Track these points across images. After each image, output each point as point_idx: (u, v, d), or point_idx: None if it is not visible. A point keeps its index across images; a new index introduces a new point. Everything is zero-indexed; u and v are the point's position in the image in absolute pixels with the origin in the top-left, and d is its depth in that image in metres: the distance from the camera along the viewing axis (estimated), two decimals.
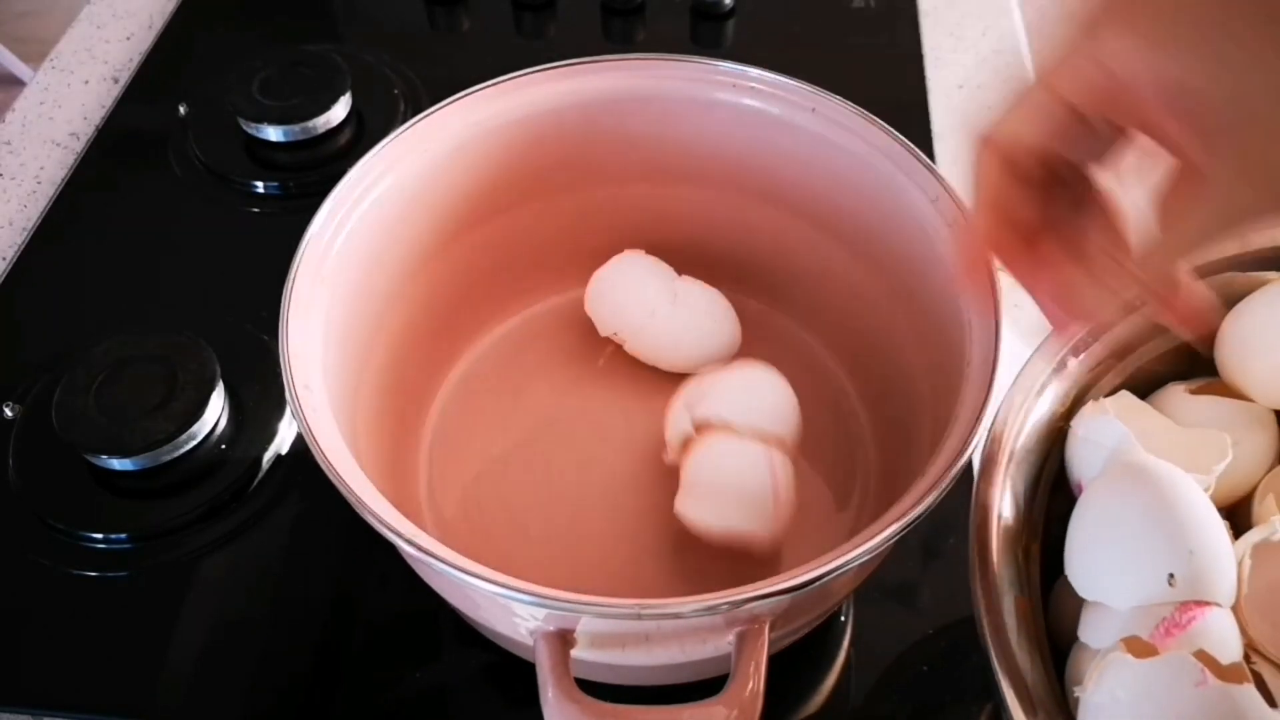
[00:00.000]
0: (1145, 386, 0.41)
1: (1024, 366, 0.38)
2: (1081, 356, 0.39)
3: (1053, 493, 0.38)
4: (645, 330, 0.49)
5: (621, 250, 0.51)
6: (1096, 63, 0.27)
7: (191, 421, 0.49)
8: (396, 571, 0.46)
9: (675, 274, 0.50)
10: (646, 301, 0.49)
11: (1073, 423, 0.38)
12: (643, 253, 0.51)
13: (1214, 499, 0.34)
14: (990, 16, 0.73)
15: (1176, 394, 0.40)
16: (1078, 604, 0.35)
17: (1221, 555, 0.32)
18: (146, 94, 0.69)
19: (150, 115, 0.68)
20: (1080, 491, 0.36)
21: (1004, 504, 0.36)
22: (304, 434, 0.35)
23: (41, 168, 0.65)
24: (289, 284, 0.39)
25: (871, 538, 0.32)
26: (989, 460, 0.36)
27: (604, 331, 0.50)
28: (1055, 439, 0.38)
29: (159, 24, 0.74)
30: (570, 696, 0.31)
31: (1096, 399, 0.39)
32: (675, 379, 0.50)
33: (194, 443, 0.49)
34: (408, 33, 0.74)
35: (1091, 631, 0.33)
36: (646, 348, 0.50)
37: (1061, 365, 0.39)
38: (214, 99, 0.66)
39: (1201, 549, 0.32)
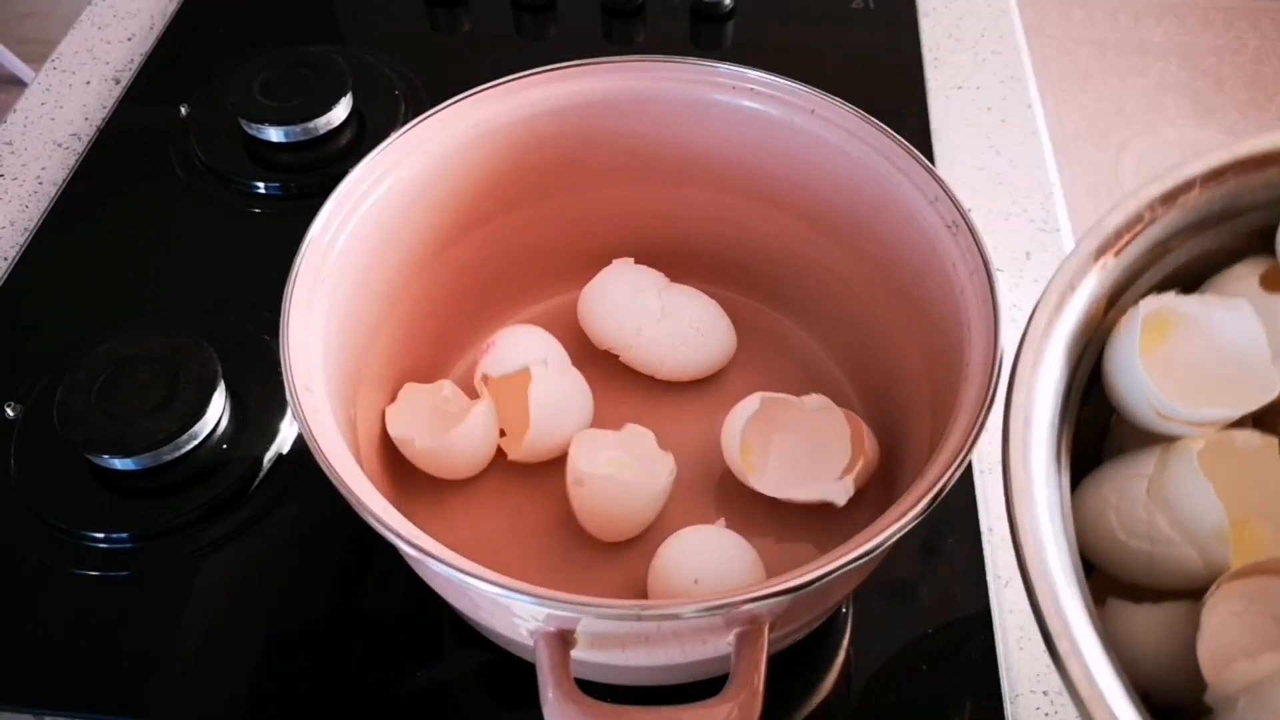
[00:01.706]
0: (1190, 280, 0.38)
1: (1060, 265, 0.35)
2: (1121, 253, 0.35)
3: (1085, 399, 0.36)
4: (634, 347, 0.49)
5: (621, 252, 0.51)
6: None
7: (193, 421, 0.49)
8: (396, 571, 0.46)
9: (666, 282, 0.50)
10: (633, 319, 0.49)
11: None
12: (631, 262, 0.51)
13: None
14: (989, 16, 0.73)
15: (1237, 281, 0.37)
16: (1104, 520, 0.34)
17: None
18: (148, 95, 0.70)
19: (152, 116, 0.68)
20: None
21: (1038, 408, 0.33)
22: (304, 434, 0.35)
23: (43, 168, 0.66)
24: (290, 284, 0.39)
25: (871, 538, 0.32)
26: (1021, 363, 0.34)
27: (599, 346, 0.50)
28: (1089, 341, 0.36)
29: (160, 25, 0.75)
30: (570, 697, 0.31)
31: (1134, 299, 0.36)
32: (672, 383, 0.51)
33: (195, 442, 0.49)
34: (409, 34, 0.74)
35: None
36: (639, 362, 0.50)
37: (1100, 262, 0.35)
38: (215, 100, 0.66)
39: None
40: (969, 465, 0.49)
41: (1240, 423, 0.35)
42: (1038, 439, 0.32)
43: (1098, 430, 0.39)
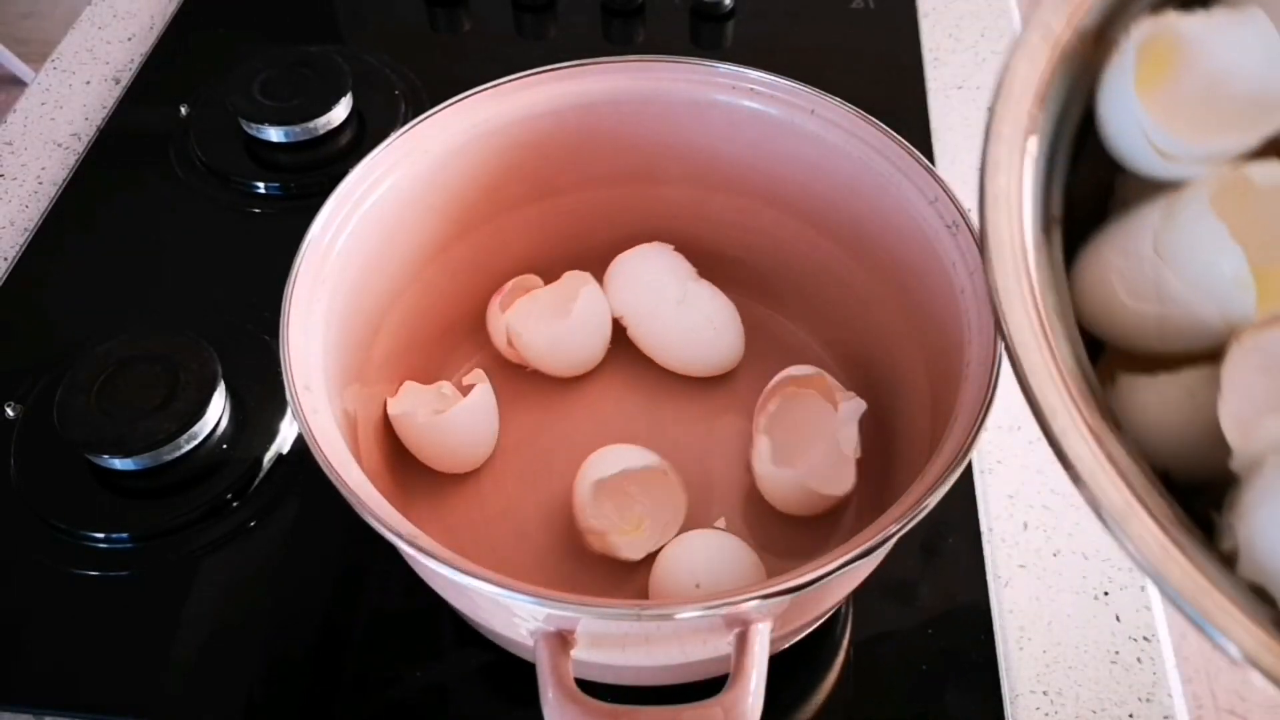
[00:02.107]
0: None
1: None
2: None
3: (1076, 151, 0.30)
4: (643, 325, 0.50)
5: (621, 251, 0.51)
6: None
7: (193, 421, 0.49)
8: (396, 571, 0.46)
9: (694, 275, 0.51)
10: (653, 299, 0.49)
11: None
12: (671, 248, 0.51)
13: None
14: (989, 17, 0.73)
15: None
16: (1106, 286, 0.29)
17: None
18: (148, 95, 0.70)
19: (152, 116, 0.68)
20: None
21: (1021, 175, 0.29)
22: (304, 434, 0.35)
23: (43, 168, 0.66)
24: (290, 284, 0.39)
25: (871, 538, 0.32)
26: (998, 119, 0.28)
27: (614, 312, 0.50)
28: (1080, 78, 0.30)
29: (160, 25, 0.75)
30: (570, 697, 0.31)
31: (1126, 27, 0.30)
32: (675, 380, 0.51)
33: (195, 442, 0.49)
34: (409, 34, 0.74)
35: None
36: (646, 342, 0.50)
37: None
38: (215, 100, 0.66)
39: None
40: (969, 465, 0.49)
41: (1260, 155, 0.30)
42: (1018, 200, 0.28)
43: (1101, 196, 0.33)
